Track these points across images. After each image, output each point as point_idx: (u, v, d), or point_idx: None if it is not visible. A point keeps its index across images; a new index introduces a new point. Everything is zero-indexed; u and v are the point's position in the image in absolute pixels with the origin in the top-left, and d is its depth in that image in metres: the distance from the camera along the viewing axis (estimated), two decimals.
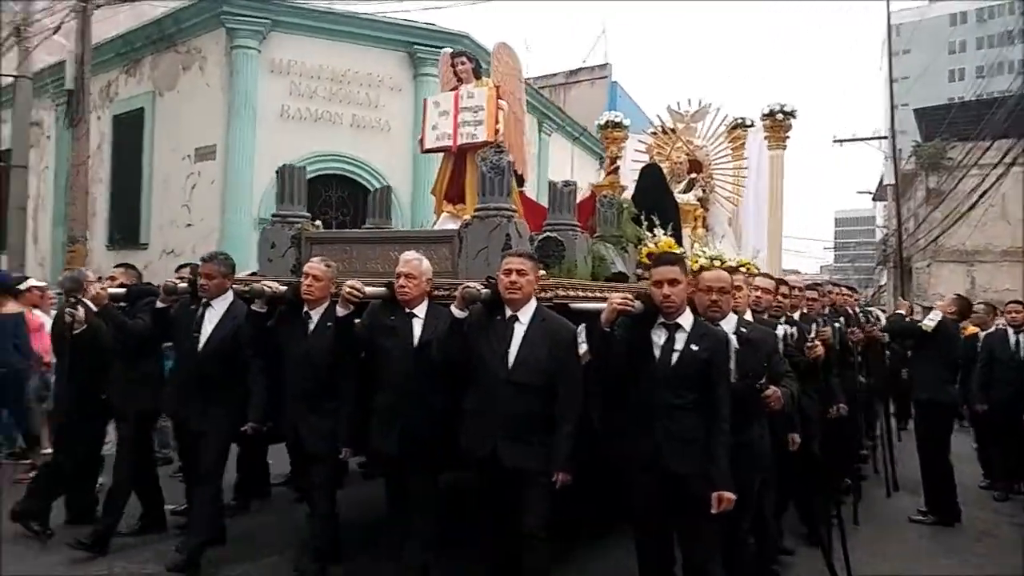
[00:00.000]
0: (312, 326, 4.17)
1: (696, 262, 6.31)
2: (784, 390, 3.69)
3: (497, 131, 5.01)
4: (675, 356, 3.39)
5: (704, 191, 7.82)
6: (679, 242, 5.87)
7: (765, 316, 4.59)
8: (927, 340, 6.22)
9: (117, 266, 5.33)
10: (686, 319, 3.46)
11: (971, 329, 7.99)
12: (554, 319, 3.74)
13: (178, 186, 11.80)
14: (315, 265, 4.19)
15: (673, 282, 3.40)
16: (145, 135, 12.29)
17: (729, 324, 3.73)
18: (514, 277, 3.62)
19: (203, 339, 4.35)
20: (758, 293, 4.61)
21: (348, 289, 3.89)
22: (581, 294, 4.15)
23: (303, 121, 11.46)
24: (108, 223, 12.57)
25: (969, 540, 5.70)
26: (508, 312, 3.70)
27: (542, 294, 3.90)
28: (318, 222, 5.03)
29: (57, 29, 11.38)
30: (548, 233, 4.51)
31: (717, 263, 6.35)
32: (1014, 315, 7.05)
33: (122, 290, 4.70)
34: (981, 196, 17.86)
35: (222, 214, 11.13)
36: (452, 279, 4.19)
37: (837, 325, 6.03)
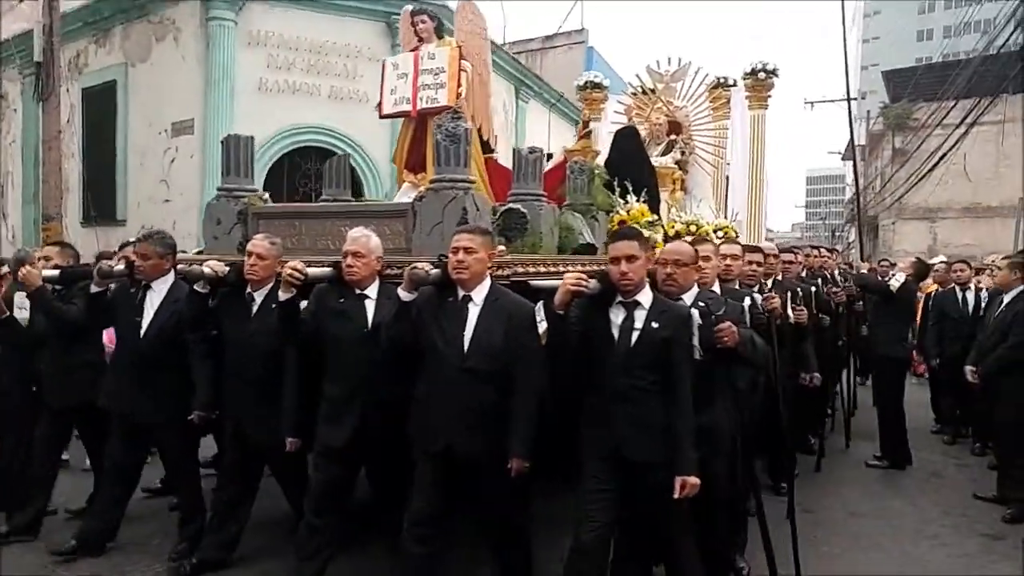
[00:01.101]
0: (256, 308, 3.66)
1: (672, 227, 5.82)
2: (744, 331, 3.20)
3: (459, 94, 4.41)
4: (635, 336, 2.99)
5: (684, 153, 7.23)
6: (655, 208, 5.30)
7: (737, 286, 4.08)
8: (890, 299, 6.25)
9: (50, 244, 4.68)
10: (645, 296, 3.06)
11: (931, 287, 7.86)
12: (510, 298, 3.26)
13: (155, 161, 11.12)
14: (259, 243, 3.67)
15: (631, 258, 2.98)
16: (119, 108, 11.50)
17: (688, 298, 3.30)
18: (461, 256, 3.13)
19: (145, 324, 3.81)
20: (727, 262, 4.10)
21: (289, 271, 3.34)
22: (543, 269, 3.63)
23: (281, 93, 10.82)
24: (82, 199, 11.80)
25: (919, 481, 5.91)
26: (460, 293, 3.21)
27: (499, 271, 3.41)
28: (267, 195, 4.44)
29: None
30: (510, 204, 3.96)
31: (693, 228, 5.88)
32: (959, 274, 7.15)
33: (55, 272, 4.07)
34: (943, 156, 17.47)
35: (202, 189, 10.44)
36: (407, 256, 3.65)
37: (814, 289, 5.62)
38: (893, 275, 6.63)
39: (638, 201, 5.05)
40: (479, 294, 3.20)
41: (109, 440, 4.04)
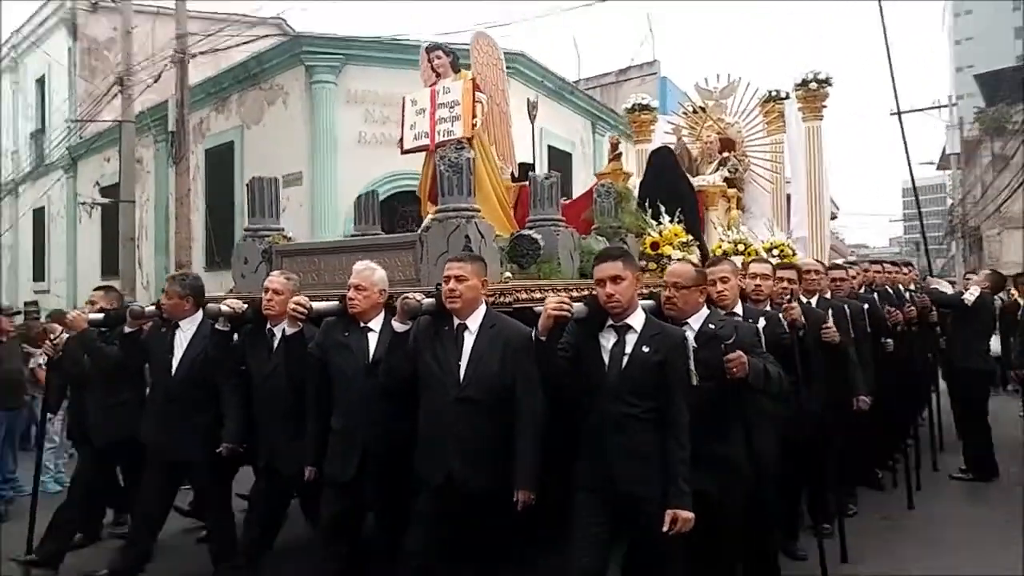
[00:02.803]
0: (276, 343, 3.49)
1: (719, 247, 5.29)
2: (756, 362, 2.76)
3: (474, 125, 4.15)
4: (625, 360, 2.62)
5: (737, 170, 6.61)
6: (693, 230, 4.79)
7: (768, 307, 3.54)
8: (967, 312, 5.90)
9: (96, 289, 4.73)
10: (636, 319, 2.68)
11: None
12: (507, 324, 2.95)
13: None
14: (275, 279, 3.51)
15: (616, 279, 2.63)
16: (236, 165, 12.08)
17: (697, 321, 2.88)
18: (452, 284, 2.86)
19: (175, 362, 3.72)
20: (756, 281, 3.58)
21: (293, 305, 3.19)
22: (551, 295, 3.26)
23: (379, 145, 10.86)
24: (205, 247, 12.37)
25: (1005, 492, 5.47)
26: (456, 321, 2.94)
27: (502, 298, 3.12)
28: (290, 234, 4.35)
29: (158, 78, 11.37)
30: (522, 231, 3.65)
31: (741, 247, 5.32)
32: None
33: (99, 316, 4.07)
34: None
35: (311, 235, 10.73)
36: (416, 287, 3.39)
37: (866, 307, 4.97)
38: (968, 288, 6.11)
39: (671, 222, 4.59)
40: (474, 321, 2.93)
41: (143, 473, 3.89)
